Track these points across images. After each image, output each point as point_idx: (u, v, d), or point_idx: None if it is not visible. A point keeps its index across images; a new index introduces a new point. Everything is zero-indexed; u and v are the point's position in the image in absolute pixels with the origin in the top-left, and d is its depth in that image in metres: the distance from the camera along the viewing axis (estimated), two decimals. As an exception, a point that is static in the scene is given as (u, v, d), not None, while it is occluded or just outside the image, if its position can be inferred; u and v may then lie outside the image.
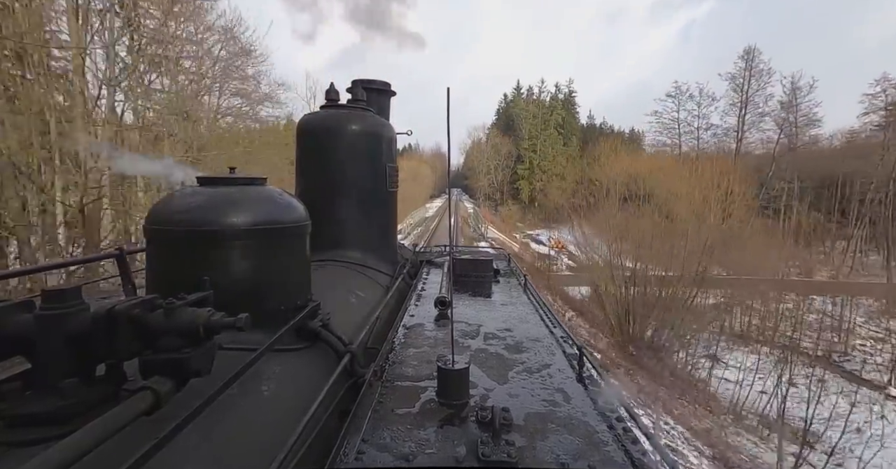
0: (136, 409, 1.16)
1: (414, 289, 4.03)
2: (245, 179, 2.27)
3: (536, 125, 73.14)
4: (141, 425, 1.17)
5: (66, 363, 1.27)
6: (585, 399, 1.97)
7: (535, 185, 70.29)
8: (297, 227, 2.34)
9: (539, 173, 71.67)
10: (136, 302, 1.36)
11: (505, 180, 77.03)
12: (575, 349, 2.52)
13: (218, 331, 1.40)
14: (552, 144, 72.83)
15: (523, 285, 4.37)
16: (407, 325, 2.98)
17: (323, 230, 3.96)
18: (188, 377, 1.36)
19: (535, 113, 73.92)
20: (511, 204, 73.60)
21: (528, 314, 3.37)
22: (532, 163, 73.12)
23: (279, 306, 2.20)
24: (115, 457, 1.04)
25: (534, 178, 71.58)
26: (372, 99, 4.81)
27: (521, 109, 76.03)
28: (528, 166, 73.62)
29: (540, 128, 72.81)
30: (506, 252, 6.32)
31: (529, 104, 76.91)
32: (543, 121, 72.91)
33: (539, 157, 72.83)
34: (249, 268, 2.10)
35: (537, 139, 72.99)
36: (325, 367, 2.15)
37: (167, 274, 2.07)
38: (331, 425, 1.78)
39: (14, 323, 1.27)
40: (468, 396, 1.92)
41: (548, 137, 73.03)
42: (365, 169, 4.22)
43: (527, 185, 72.99)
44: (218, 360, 1.48)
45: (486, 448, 1.51)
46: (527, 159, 73.74)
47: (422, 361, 2.33)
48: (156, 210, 2.11)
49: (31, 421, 1.22)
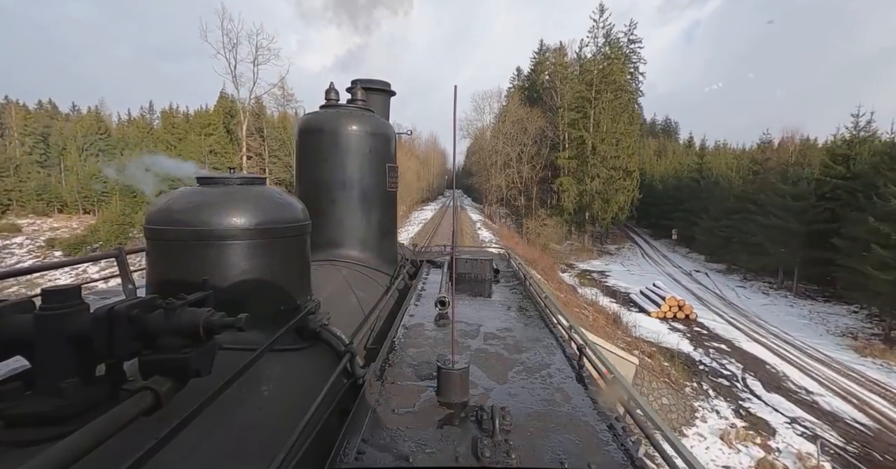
0: (136, 409, 1.16)
1: (414, 289, 4.02)
2: (245, 179, 2.27)
3: (584, 90, 44.67)
4: (141, 425, 1.17)
5: (66, 363, 1.27)
6: (585, 399, 1.97)
7: (590, 184, 43.95)
8: (296, 226, 2.34)
9: (597, 165, 43.88)
10: (136, 302, 1.35)
11: (534, 178, 49.44)
12: (575, 349, 2.52)
13: (218, 331, 1.40)
14: (616, 117, 44.36)
15: (523, 285, 4.37)
16: (407, 325, 2.98)
17: (323, 230, 3.97)
18: (188, 377, 1.36)
19: (589, 68, 45.81)
20: (543, 214, 46.98)
21: (527, 314, 3.37)
22: (585, 148, 44.41)
23: (279, 306, 2.20)
24: (115, 457, 1.04)
25: (587, 173, 44.25)
26: (372, 99, 4.81)
27: (559, 67, 48.52)
28: (577, 154, 45.23)
29: (595, 92, 44.04)
30: (506, 252, 6.32)
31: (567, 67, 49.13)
32: (600, 81, 44.06)
33: (598, 138, 43.82)
34: (249, 268, 2.10)
35: (592, 109, 43.95)
36: (325, 366, 2.15)
37: (167, 274, 2.07)
38: (331, 425, 1.78)
39: (14, 323, 1.27)
40: (468, 396, 1.92)
41: (609, 105, 43.91)
42: (365, 169, 4.22)
43: (572, 184, 45.16)
44: (218, 360, 1.48)
45: (485, 448, 1.51)
46: (571, 144, 46.18)
47: (422, 361, 2.33)
48: (156, 210, 2.10)
49: (31, 421, 1.22)
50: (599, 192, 44.58)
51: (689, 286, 31.89)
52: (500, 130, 52.03)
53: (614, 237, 50.16)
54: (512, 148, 49.58)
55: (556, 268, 33.77)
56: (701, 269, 37.16)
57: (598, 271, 37.49)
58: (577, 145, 45.77)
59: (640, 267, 39.58)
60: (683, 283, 32.73)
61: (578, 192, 45.34)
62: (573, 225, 47.23)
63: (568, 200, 45.64)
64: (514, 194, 51.54)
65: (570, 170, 46.11)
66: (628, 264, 40.86)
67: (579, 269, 37.69)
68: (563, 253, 42.70)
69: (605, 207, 44.94)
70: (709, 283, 32.20)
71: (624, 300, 27.68)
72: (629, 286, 30.98)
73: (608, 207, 44.83)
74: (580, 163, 45.35)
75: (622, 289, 30.58)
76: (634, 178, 45.69)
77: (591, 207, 45.26)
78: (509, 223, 51.52)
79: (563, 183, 45.73)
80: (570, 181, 45.69)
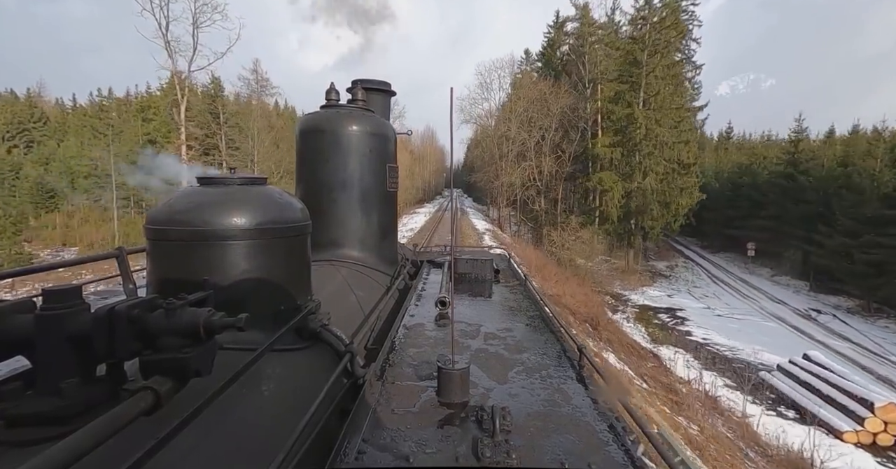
0: (136, 409, 1.16)
1: (414, 289, 4.02)
2: (245, 179, 2.27)
3: (634, 48, 32.83)
4: (141, 425, 1.17)
5: (67, 363, 1.27)
6: (585, 399, 1.97)
7: (643, 181, 31.92)
8: (297, 226, 2.34)
9: (653, 154, 31.98)
10: (136, 302, 1.36)
11: (559, 174, 36.60)
12: (575, 349, 2.52)
13: (218, 331, 1.40)
14: (676, 89, 33.38)
15: (523, 285, 4.37)
16: (407, 325, 2.98)
17: (323, 230, 3.97)
18: (188, 377, 1.36)
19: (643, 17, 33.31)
20: (574, 222, 33.31)
21: (528, 314, 3.37)
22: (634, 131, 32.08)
23: (279, 306, 2.21)
24: (115, 457, 1.04)
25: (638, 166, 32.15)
26: (372, 99, 4.81)
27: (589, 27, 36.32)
28: (622, 140, 33.16)
29: (647, 53, 31.92)
30: (506, 252, 6.32)
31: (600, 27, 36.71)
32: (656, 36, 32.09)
33: (651, 117, 31.75)
34: (250, 268, 2.11)
35: (644, 76, 31.81)
36: (325, 366, 2.15)
37: (167, 274, 2.08)
38: (331, 425, 1.78)
39: (15, 323, 1.27)
40: (468, 396, 1.92)
41: (667, 72, 32.70)
42: (365, 169, 4.22)
43: (617, 182, 32.91)
44: (218, 359, 1.48)
45: (485, 448, 1.51)
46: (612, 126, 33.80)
47: (422, 361, 2.33)
48: (156, 210, 2.11)
49: (31, 421, 1.22)
50: (656, 193, 31.96)
51: (837, 346, 18.04)
52: (512, 110, 38.14)
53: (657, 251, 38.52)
54: (529, 134, 36.39)
55: (602, 303, 21.09)
56: (820, 306, 24.12)
57: (664, 309, 24.10)
58: (622, 128, 32.70)
59: (721, 299, 26.72)
60: (817, 337, 19.39)
61: (625, 193, 32.56)
62: (616, 237, 33.90)
63: (611, 204, 32.43)
64: (531, 195, 37.96)
65: (612, 162, 32.97)
66: (700, 295, 27.82)
67: (633, 303, 25.01)
68: (601, 275, 29.27)
69: (664, 213, 32.65)
70: (864, 340, 18.61)
71: (738, 378, 14.29)
72: (734, 343, 18.34)
73: (667, 213, 32.69)
74: (626, 152, 32.37)
75: (724, 350, 17.80)
76: (694, 172, 33.95)
77: (643, 213, 32.18)
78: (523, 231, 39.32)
79: (604, 180, 32.25)
80: (612, 178, 32.37)
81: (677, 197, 32.93)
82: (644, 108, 32.26)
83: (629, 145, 32.77)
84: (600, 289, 25.91)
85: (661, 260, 37.15)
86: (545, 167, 36.63)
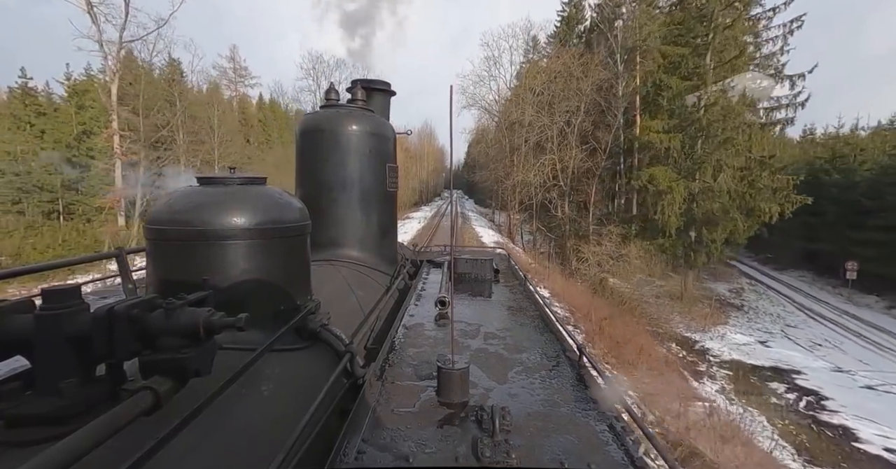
0: (136, 409, 1.16)
1: (414, 288, 4.02)
2: (245, 179, 2.27)
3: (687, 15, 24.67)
4: (141, 425, 1.17)
5: (66, 363, 1.27)
6: (585, 399, 1.97)
7: (718, 179, 22.64)
8: (297, 226, 2.34)
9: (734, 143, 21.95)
10: (135, 302, 1.36)
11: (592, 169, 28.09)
12: (575, 349, 2.52)
13: (218, 331, 1.40)
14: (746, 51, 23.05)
15: (523, 285, 4.37)
16: (407, 324, 2.98)
17: (323, 230, 3.97)
18: (188, 377, 1.36)
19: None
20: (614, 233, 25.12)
21: (528, 314, 3.37)
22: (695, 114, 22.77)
23: (279, 306, 2.21)
24: (115, 457, 1.04)
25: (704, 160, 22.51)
26: (372, 99, 4.81)
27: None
28: (680, 124, 23.78)
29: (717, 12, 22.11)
30: (506, 252, 6.32)
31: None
32: None
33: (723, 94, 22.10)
34: (249, 268, 2.11)
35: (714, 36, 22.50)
36: (325, 366, 2.15)
37: (167, 274, 2.08)
38: (331, 425, 1.78)
39: (14, 323, 1.27)
40: (468, 396, 1.92)
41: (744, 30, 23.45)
42: (365, 169, 4.22)
43: (674, 181, 23.31)
44: (218, 359, 1.48)
45: (485, 448, 1.51)
46: (664, 106, 24.44)
47: (422, 361, 2.33)
48: (156, 210, 2.11)
49: (31, 421, 1.22)
50: (733, 195, 22.52)
51: None
52: (529, 88, 29.22)
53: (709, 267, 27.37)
54: (551, 119, 27.94)
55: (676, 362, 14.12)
56: None
57: (769, 369, 15.53)
58: (680, 109, 23.30)
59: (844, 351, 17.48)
60: None
61: (686, 197, 22.90)
62: (671, 254, 24.28)
63: (669, 210, 22.73)
64: (552, 198, 29.35)
65: (667, 154, 23.65)
66: (808, 342, 18.45)
67: (717, 357, 16.32)
68: (649, 304, 20.31)
69: (749, 223, 22.96)
70: None
71: None
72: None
73: (751, 222, 23.00)
74: (688, 140, 22.91)
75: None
76: (771, 166, 22.95)
77: (712, 223, 22.88)
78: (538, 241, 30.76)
79: (657, 178, 23.08)
80: (669, 175, 23.05)
81: (768, 201, 22.56)
82: (715, 76, 22.54)
83: (692, 131, 22.65)
84: (655, 327, 17.68)
85: (718, 280, 26.96)
86: (571, 161, 27.74)
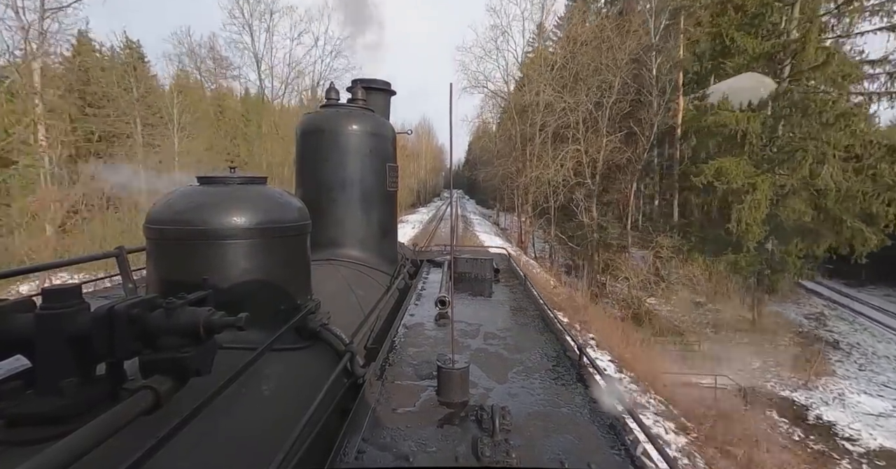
0: (137, 409, 1.16)
1: (414, 288, 4.03)
2: (245, 179, 2.27)
3: None
4: (141, 425, 1.17)
5: (66, 363, 1.27)
6: (585, 399, 1.97)
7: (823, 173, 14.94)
8: (297, 226, 2.34)
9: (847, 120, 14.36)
10: (136, 301, 1.36)
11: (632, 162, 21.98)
12: (575, 349, 2.52)
13: (218, 330, 1.40)
14: None
15: (523, 285, 4.37)
16: (407, 324, 2.98)
17: (323, 230, 3.97)
18: (188, 376, 1.36)
19: None
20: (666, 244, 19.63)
21: (528, 314, 3.37)
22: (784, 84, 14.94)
23: (279, 306, 2.21)
24: (115, 457, 1.04)
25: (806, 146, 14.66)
26: (372, 98, 4.81)
27: None
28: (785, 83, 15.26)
29: None
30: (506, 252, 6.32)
31: None
32: None
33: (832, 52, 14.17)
34: (249, 267, 2.11)
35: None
36: (325, 366, 2.15)
37: (167, 273, 2.08)
38: (331, 425, 1.78)
39: (14, 322, 1.27)
40: (468, 396, 1.92)
41: None
42: (365, 168, 4.22)
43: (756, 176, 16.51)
44: (218, 359, 1.48)
45: (485, 447, 1.51)
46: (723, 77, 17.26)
47: (422, 361, 2.33)
48: (156, 210, 2.11)
49: (31, 420, 1.22)
50: (842, 194, 16.77)
51: None
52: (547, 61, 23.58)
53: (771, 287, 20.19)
54: (575, 99, 22.24)
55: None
56: None
57: None
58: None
59: None
60: None
61: (771, 197, 17.41)
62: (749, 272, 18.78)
63: (749, 215, 17.34)
64: (576, 199, 23.36)
65: (742, 140, 17.97)
66: None
67: (846, 435, 11.27)
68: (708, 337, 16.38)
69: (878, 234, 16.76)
70: None
71: None
72: None
73: (875, 231, 16.76)
74: (769, 120, 17.40)
75: None
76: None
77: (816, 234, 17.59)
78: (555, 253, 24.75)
79: (728, 171, 17.54)
80: (746, 169, 17.58)
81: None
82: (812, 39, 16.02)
83: (779, 108, 16.73)
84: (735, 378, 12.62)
85: (784, 301, 20.70)
86: (601, 152, 21.90)
